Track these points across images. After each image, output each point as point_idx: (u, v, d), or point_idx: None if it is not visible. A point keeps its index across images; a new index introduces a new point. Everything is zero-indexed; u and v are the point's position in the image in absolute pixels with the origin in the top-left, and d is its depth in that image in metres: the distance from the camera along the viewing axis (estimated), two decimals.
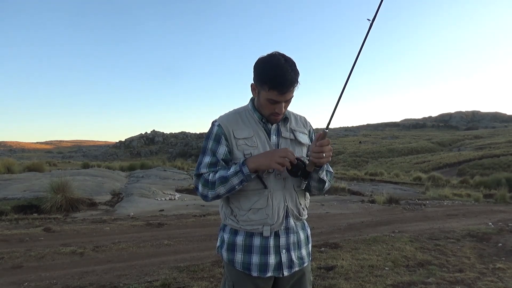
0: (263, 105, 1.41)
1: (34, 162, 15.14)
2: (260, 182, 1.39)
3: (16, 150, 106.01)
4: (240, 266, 1.43)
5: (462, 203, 10.71)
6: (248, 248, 1.42)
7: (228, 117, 1.47)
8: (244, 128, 1.43)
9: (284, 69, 1.31)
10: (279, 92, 1.33)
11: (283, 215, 1.42)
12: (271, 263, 1.41)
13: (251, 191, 1.40)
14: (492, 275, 3.64)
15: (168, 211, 7.82)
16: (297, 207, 1.46)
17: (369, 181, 18.55)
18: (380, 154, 55.19)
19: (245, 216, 1.41)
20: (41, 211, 7.21)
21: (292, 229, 1.45)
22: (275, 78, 1.31)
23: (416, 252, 4.47)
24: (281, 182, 1.42)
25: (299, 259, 1.47)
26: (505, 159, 32.80)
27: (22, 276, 3.59)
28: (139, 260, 4.21)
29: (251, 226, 1.41)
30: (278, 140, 1.45)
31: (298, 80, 1.36)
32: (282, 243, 1.43)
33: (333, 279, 3.46)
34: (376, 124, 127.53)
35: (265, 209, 1.39)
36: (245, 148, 1.40)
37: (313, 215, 7.50)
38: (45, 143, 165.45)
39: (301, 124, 1.55)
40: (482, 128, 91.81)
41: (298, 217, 1.47)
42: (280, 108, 1.38)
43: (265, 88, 1.35)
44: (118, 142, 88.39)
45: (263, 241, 1.41)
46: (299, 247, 1.48)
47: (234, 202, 1.44)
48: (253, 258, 1.41)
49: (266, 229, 1.39)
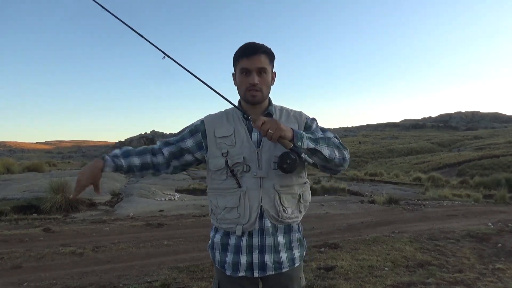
0: (239, 83, 1.44)
1: (34, 162, 15.14)
2: (235, 181, 1.38)
3: (16, 150, 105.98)
4: (218, 264, 1.46)
5: (461, 204, 10.71)
6: (225, 246, 1.44)
7: (215, 116, 1.51)
8: (225, 126, 1.45)
9: (253, 42, 1.43)
10: (246, 57, 1.38)
11: (256, 215, 1.38)
12: (242, 262, 1.40)
13: (226, 190, 1.40)
14: (492, 276, 3.64)
15: (167, 212, 7.82)
16: (275, 208, 1.39)
17: (368, 181, 18.53)
18: (379, 155, 55.18)
19: (221, 214, 1.42)
20: (41, 212, 7.21)
21: (267, 231, 1.40)
22: (243, 48, 1.41)
23: (415, 253, 4.47)
24: (257, 181, 1.38)
25: (275, 263, 1.41)
26: (504, 159, 32.78)
27: (21, 276, 3.59)
28: (138, 260, 4.21)
29: (226, 225, 1.42)
30: (261, 137, 1.42)
31: (267, 52, 1.42)
32: (255, 244, 1.40)
33: (332, 280, 3.46)
34: (375, 124, 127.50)
35: (238, 208, 1.38)
36: (223, 146, 1.41)
37: (312, 216, 7.50)
38: (45, 143, 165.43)
39: (293, 120, 1.49)
40: (481, 128, 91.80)
41: (277, 219, 1.40)
42: (253, 78, 1.39)
43: (237, 63, 1.43)
44: (117, 142, 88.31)
45: (237, 241, 1.41)
46: (277, 251, 1.42)
47: (213, 200, 1.46)
48: (227, 256, 1.43)
49: (239, 229, 1.39)
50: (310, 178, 8.66)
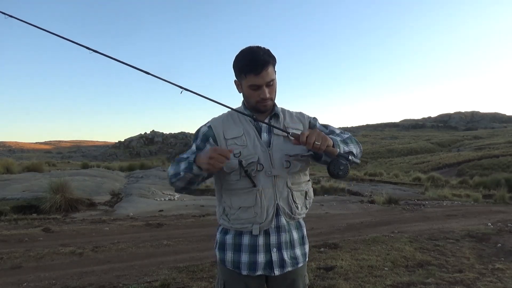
0: (248, 95, 1.42)
1: (33, 162, 15.12)
2: (249, 181, 1.38)
3: (15, 150, 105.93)
4: (231, 264, 1.45)
5: (461, 204, 10.72)
6: (238, 247, 1.43)
7: (220, 119, 1.49)
8: (234, 128, 1.44)
9: (255, 52, 1.37)
10: (255, 74, 1.35)
11: (273, 213, 1.40)
12: (260, 261, 1.40)
13: (241, 190, 1.40)
14: (491, 276, 3.64)
15: (167, 211, 7.82)
16: (289, 205, 1.43)
17: (368, 181, 18.52)
18: (379, 155, 55.25)
19: (235, 214, 1.42)
20: (40, 212, 7.21)
21: (283, 228, 1.43)
22: (248, 62, 1.36)
23: (415, 253, 4.47)
24: (271, 179, 1.40)
25: (292, 258, 1.44)
26: (504, 159, 32.83)
27: (21, 276, 3.59)
28: (138, 260, 4.21)
29: (241, 225, 1.42)
30: (270, 137, 1.44)
31: (272, 61, 1.39)
32: (273, 242, 1.41)
33: (332, 280, 3.46)
34: (375, 124, 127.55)
35: (254, 207, 1.38)
36: (235, 147, 1.40)
37: (312, 215, 7.51)
38: (44, 143, 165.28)
39: (296, 120, 1.52)
40: (481, 128, 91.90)
41: (291, 216, 1.44)
42: (264, 92, 1.38)
43: (243, 76, 1.39)
44: (117, 143, 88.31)
45: (252, 240, 1.41)
46: (292, 247, 1.46)
47: (226, 200, 1.45)
48: (242, 256, 1.42)
49: (255, 228, 1.39)
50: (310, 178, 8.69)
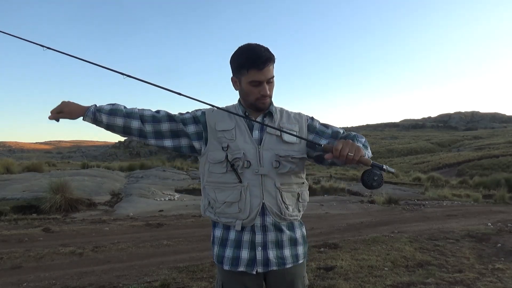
0: (247, 92, 1.41)
1: (33, 162, 15.11)
2: (235, 176, 1.38)
3: (15, 150, 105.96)
4: (215, 258, 1.46)
5: (461, 204, 10.72)
6: (224, 241, 1.44)
7: (215, 110, 1.49)
8: (226, 121, 1.44)
9: (257, 48, 1.37)
10: (257, 69, 1.35)
11: (257, 211, 1.38)
12: (243, 257, 1.40)
13: (226, 184, 1.40)
14: (491, 276, 3.64)
15: (167, 212, 7.82)
16: (278, 205, 1.40)
17: None
18: (379, 155, 55.18)
19: (220, 208, 1.42)
20: (40, 212, 7.21)
21: (270, 227, 1.41)
22: (250, 57, 1.36)
23: (415, 253, 4.47)
24: (258, 178, 1.39)
25: (279, 258, 1.42)
26: (504, 159, 32.81)
27: (21, 276, 3.59)
28: (138, 260, 4.21)
29: (226, 219, 1.42)
30: (262, 135, 1.43)
31: (273, 58, 1.39)
32: (258, 240, 1.40)
33: (332, 280, 3.46)
34: (375, 124, 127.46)
35: (238, 203, 1.38)
36: (223, 140, 1.41)
37: (312, 215, 7.51)
38: (44, 143, 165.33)
39: (293, 121, 1.49)
40: (481, 128, 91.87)
41: (280, 216, 1.42)
42: (265, 89, 1.38)
43: (244, 72, 1.38)
44: (117, 142, 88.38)
45: (237, 235, 1.42)
46: (280, 247, 1.43)
47: (210, 194, 1.44)
48: (226, 251, 1.43)
49: (238, 224, 1.39)
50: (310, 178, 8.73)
